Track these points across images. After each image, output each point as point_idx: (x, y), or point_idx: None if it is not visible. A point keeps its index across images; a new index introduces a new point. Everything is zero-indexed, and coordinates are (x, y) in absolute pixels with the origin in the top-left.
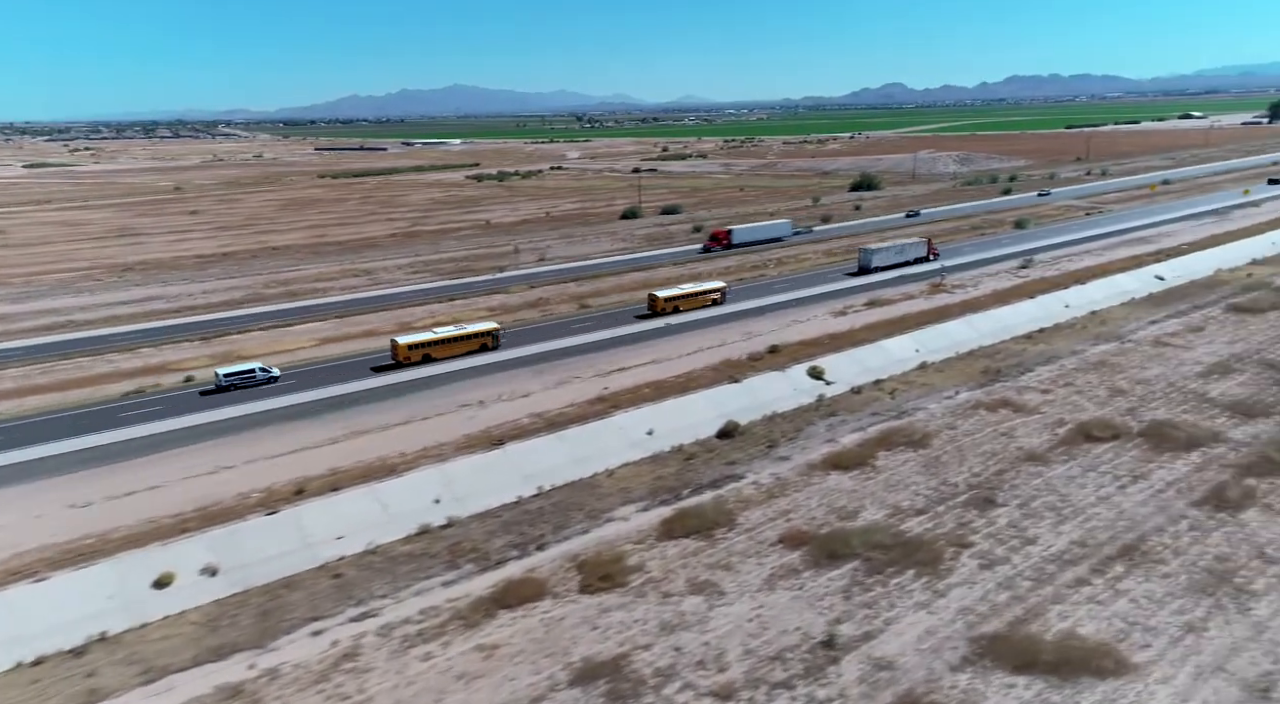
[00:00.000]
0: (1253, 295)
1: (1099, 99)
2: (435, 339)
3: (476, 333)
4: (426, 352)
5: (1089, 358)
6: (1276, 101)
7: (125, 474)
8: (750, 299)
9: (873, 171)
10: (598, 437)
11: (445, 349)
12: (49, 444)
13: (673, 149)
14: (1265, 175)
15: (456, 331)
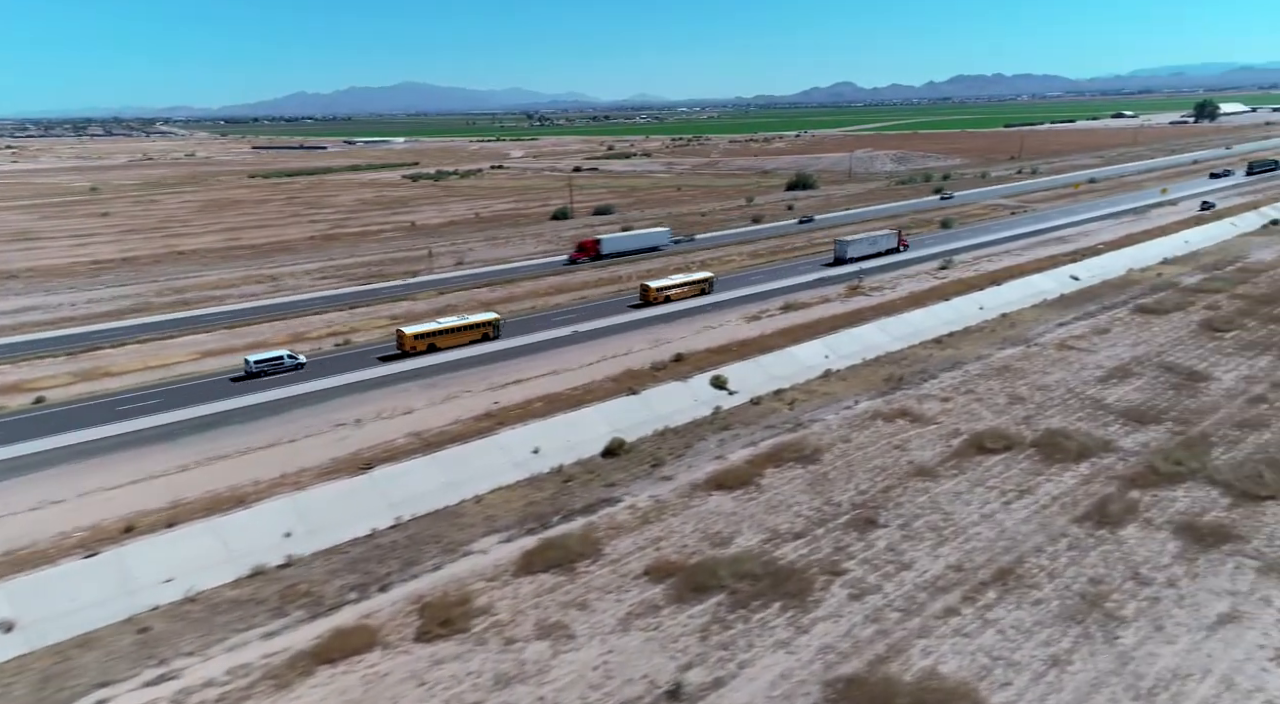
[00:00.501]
0: (1159, 296)
1: (1040, 98)
2: (439, 329)
3: (478, 323)
4: (431, 341)
5: (993, 363)
6: (1202, 101)
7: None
8: (660, 306)
9: (811, 170)
10: (476, 457)
11: (449, 338)
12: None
13: (618, 148)
14: (1186, 173)
15: (459, 322)
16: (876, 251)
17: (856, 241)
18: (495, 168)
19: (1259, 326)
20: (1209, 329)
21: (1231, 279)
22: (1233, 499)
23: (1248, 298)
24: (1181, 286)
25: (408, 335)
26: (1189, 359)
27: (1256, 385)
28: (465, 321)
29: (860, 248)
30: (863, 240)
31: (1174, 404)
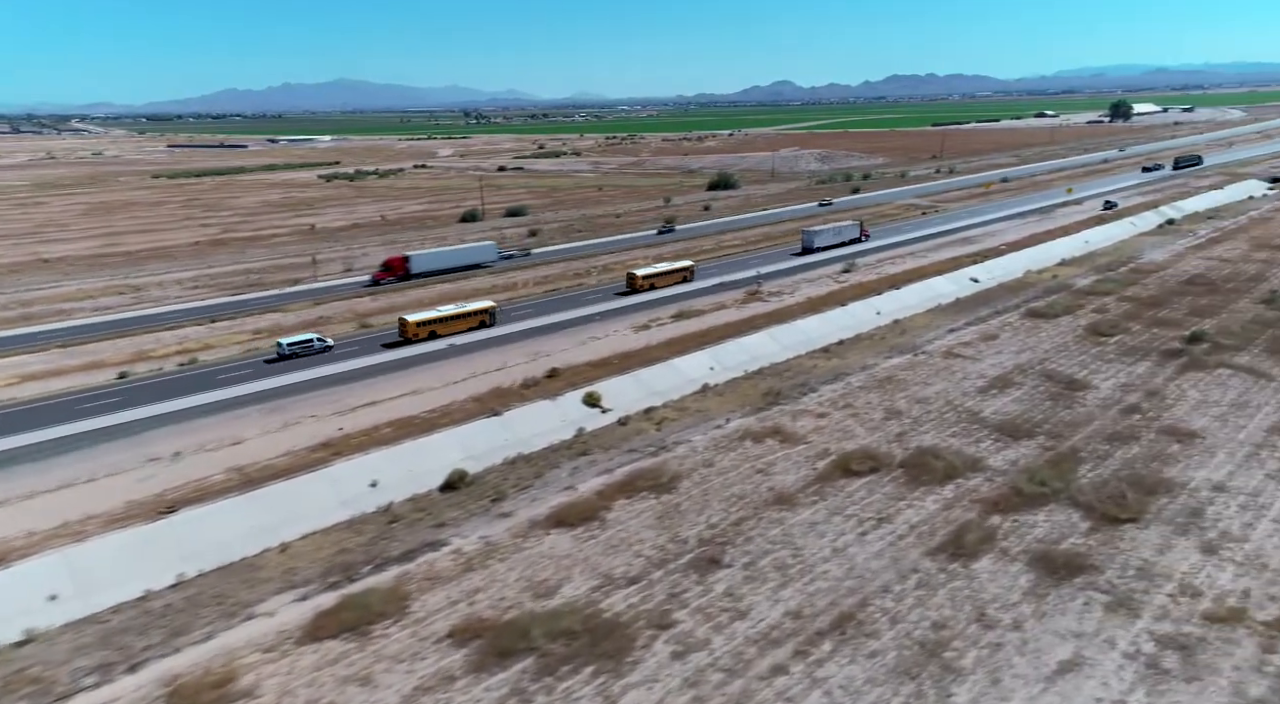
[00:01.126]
0: (1051, 299)
1: (970, 97)
2: (440, 317)
3: (476, 311)
4: (433, 328)
5: (877, 374)
6: (1117, 102)
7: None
8: (544, 315)
9: (736, 169)
10: (298, 496)
11: (449, 326)
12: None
13: (549, 146)
14: (1095, 172)
15: (458, 309)
16: (841, 241)
17: (823, 232)
18: (418, 167)
19: (1142, 330)
20: (1094, 334)
21: (1122, 280)
22: (1093, 523)
23: (1135, 300)
24: (1074, 289)
25: (410, 323)
26: (1070, 366)
27: (1132, 394)
28: (464, 309)
29: (826, 238)
30: (828, 231)
31: (1049, 416)
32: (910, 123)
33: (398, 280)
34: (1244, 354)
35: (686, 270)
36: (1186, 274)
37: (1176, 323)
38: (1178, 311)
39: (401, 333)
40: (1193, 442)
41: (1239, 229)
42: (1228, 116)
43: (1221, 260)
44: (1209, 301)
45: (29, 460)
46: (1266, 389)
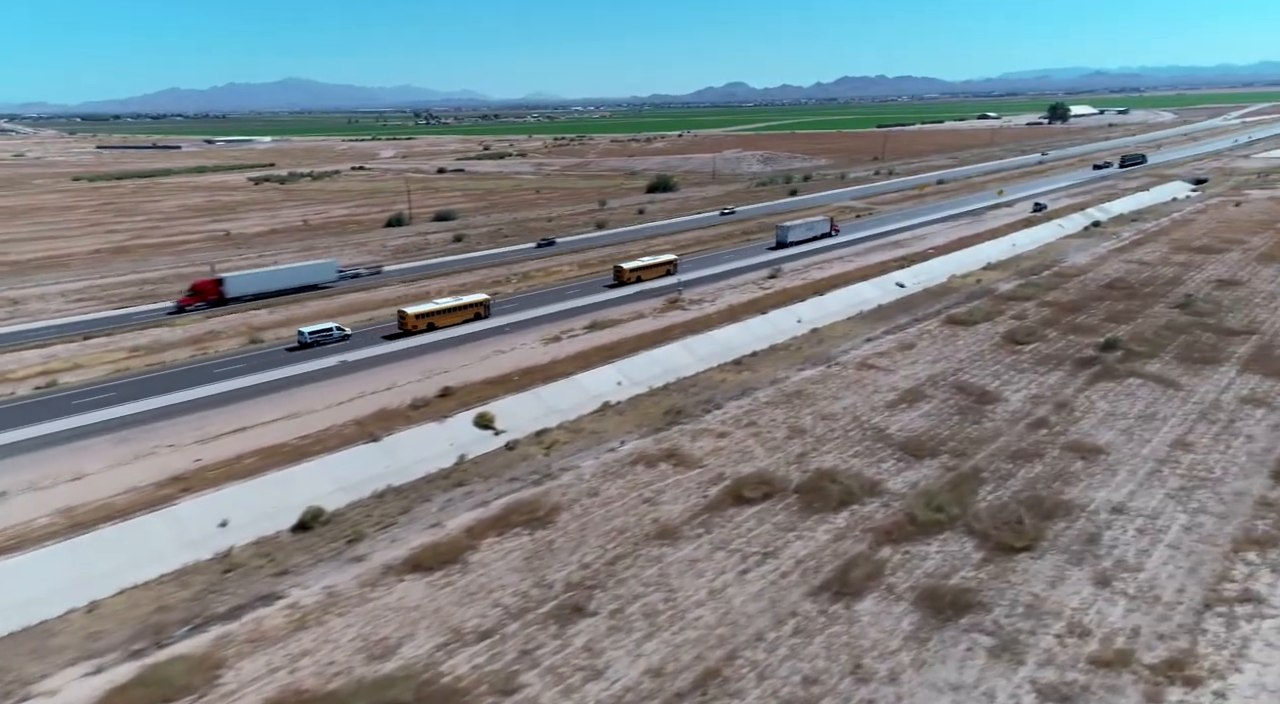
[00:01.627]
0: (973, 305)
1: (918, 99)
2: (437, 309)
3: (471, 303)
4: (431, 321)
5: (787, 388)
6: (1055, 104)
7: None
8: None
9: (679, 171)
10: (131, 541)
11: (446, 318)
12: None
13: (496, 147)
14: (1029, 173)
15: (454, 302)
16: (813, 236)
17: (795, 227)
18: (356, 169)
19: (1059, 337)
20: (1011, 342)
21: (1044, 285)
22: (986, 553)
23: (1055, 305)
24: (996, 294)
25: (409, 315)
26: (984, 377)
27: (1041, 406)
28: (460, 302)
29: (799, 233)
30: (800, 226)
31: (956, 432)
32: (858, 124)
33: (209, 306)
34: (1155, 362)
35: (671, 263)
36: (1107, 278)
37: (1092, 329)
38: (1095, 317)
39: (401, 325)
40: (1096, 458)
41: (1161, 231)
42: (1160, 118)
43: (1141, 263)
44: (1126, 307)
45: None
46: (1174, 399)
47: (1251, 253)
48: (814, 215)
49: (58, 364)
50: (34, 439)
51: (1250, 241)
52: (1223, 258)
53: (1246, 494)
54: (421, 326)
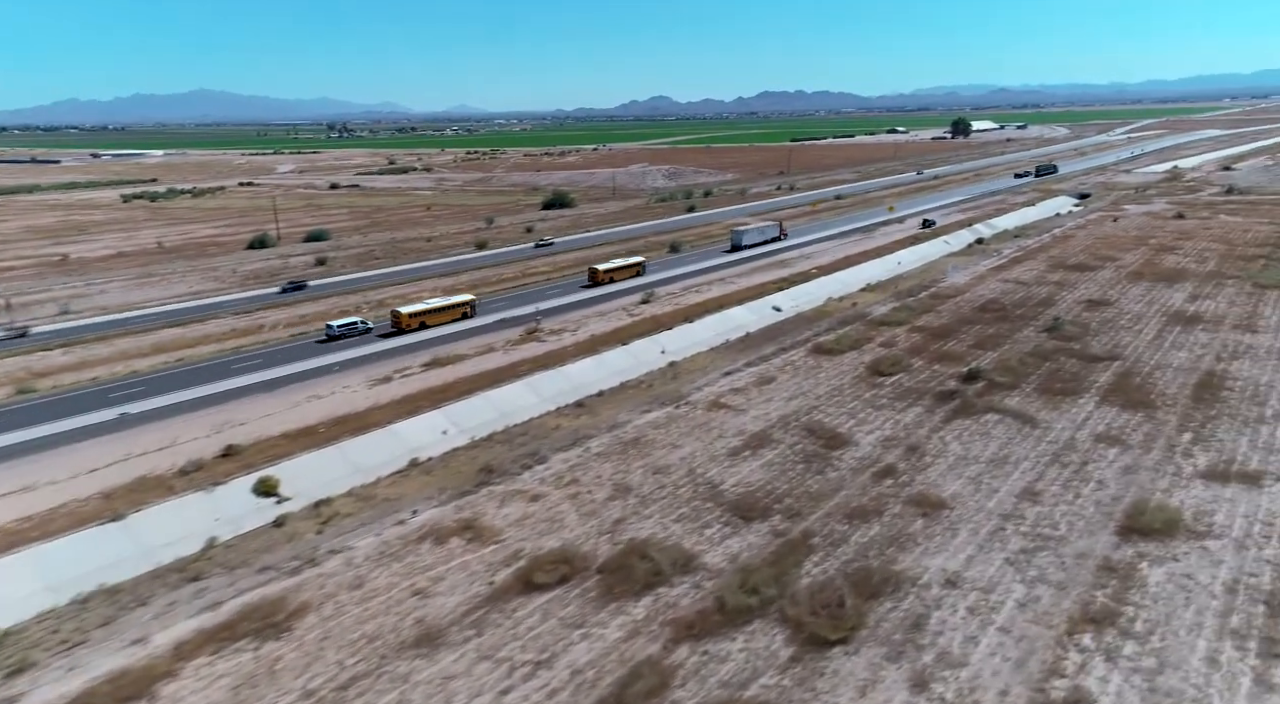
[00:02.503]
0: (842, 332)
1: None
2: (428, 309)
3: (458, 303)
4: (423, 320)
5: (625, 434)
6: (957, 119)
7: None
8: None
9: (582, 186)
10: None
11: (436, 317)
12: None
13: (403, 161)
14: (925, 188)
15: (443, 302)
16: (764, 239)
17: (749, 231)
18: (244, 185)
19: (924, 367)
20: (874, 373)
21: (918, 308)
22: (797, 649)
23: (925, 331)
24: (869, 318)
25: (404, 314)
26: (838, 417)
27: (892, 450)
28: (448, 302)
29: (752, 237)
30: (754, 230)
31: (796, 485)
32: (773, 138)
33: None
34: (1016, 394)
35: (639, 266)
36: (982, 299)
37: (959, 357)
38: (964, 343)
39: (395, 324)
40: (939, 515)
41: (1041, 248)
42: (1055, 133)
43: (1018, 283)
44: (996, 331)
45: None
46: (1029, 439)
47: (1123, 270)
48: (765, 221)
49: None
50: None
51: (1123, 259)
52: (1096, 276)
53: (1089, 556)
54: (414, 325)
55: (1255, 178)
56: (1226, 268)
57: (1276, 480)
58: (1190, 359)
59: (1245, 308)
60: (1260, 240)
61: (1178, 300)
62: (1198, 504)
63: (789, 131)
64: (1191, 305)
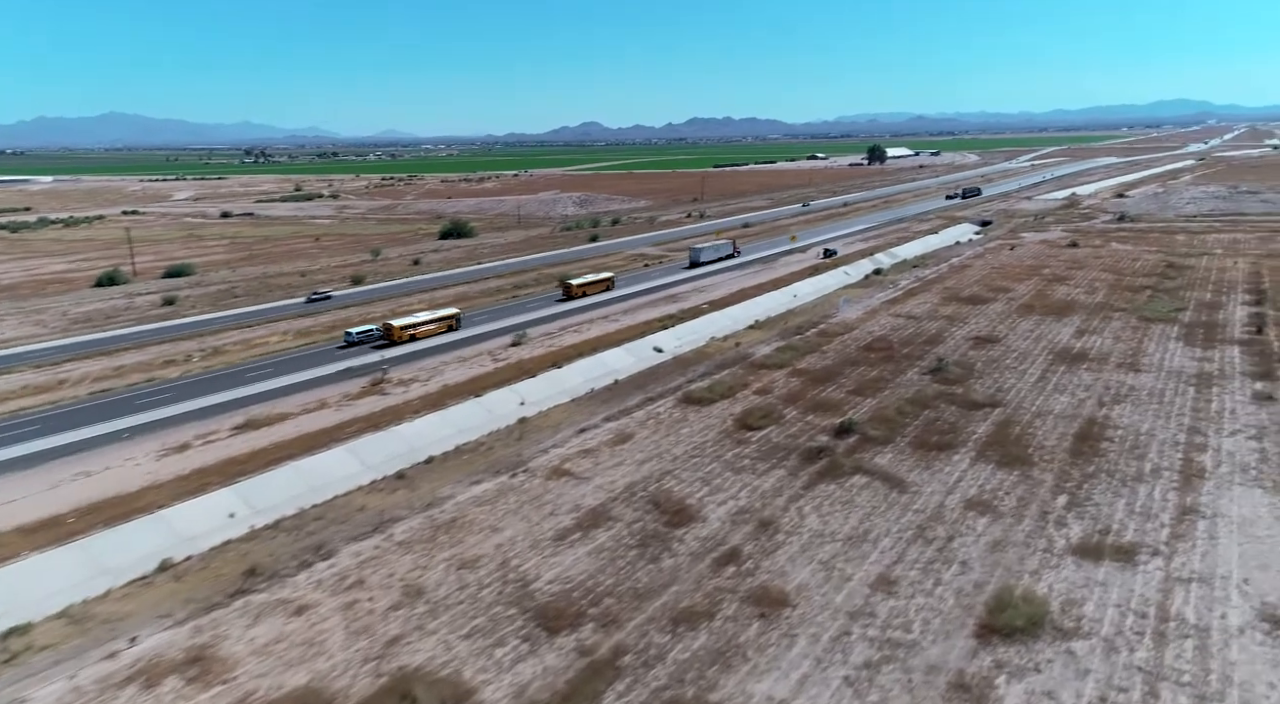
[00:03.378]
0: (718, 377)
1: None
2: (418, 322)
3: (445, 317)
4: (413, 332)
5: (441, 515)
6: (873, 146)
7: None
8: None
9: (490, 214)
10: None
11: (426, 330)
12: None
13: (312, 187)
14: (834, 215)
15: (431, 316)
16: (720, 257)
17: (706, 249)
18: (127, 214)
19: (797, 418)
20: (742, 427)
21: (803, 347)
22: None
23: (806, 375)
24: (750, 360)
25: (396, 327)
26: (691, 484)
27: (741, 528)
28: (435, 315)
29: (709, 254)
30: (710, 248)
31: (622, 580)
32: (697, 164)
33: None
34: (889, 450)
35: (609, 280)
36: (870, 336)
37: (835, 406)
38: (844, 388)
39: (386, 336)
40: (779, 616)
41: (937, 279)
42: (966, 160)
43: (909, 318)
44: (879, 373)
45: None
46: (894, 507)
47: (1014, 303)
48: (719, 239)
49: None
50: None
51: (1016, 290)
52: (987, 309)
53: (941, 670)
54: (405, 337)
55: (1146, 205)
56: (1114, 299)
57: (1151, 555)
58: (1072, 405)
59: (1130, 343)
60: (1148, 269)
61: (1065, 336)
62: (1067, 590)
63: (712, 158)
64: (1078, 342)
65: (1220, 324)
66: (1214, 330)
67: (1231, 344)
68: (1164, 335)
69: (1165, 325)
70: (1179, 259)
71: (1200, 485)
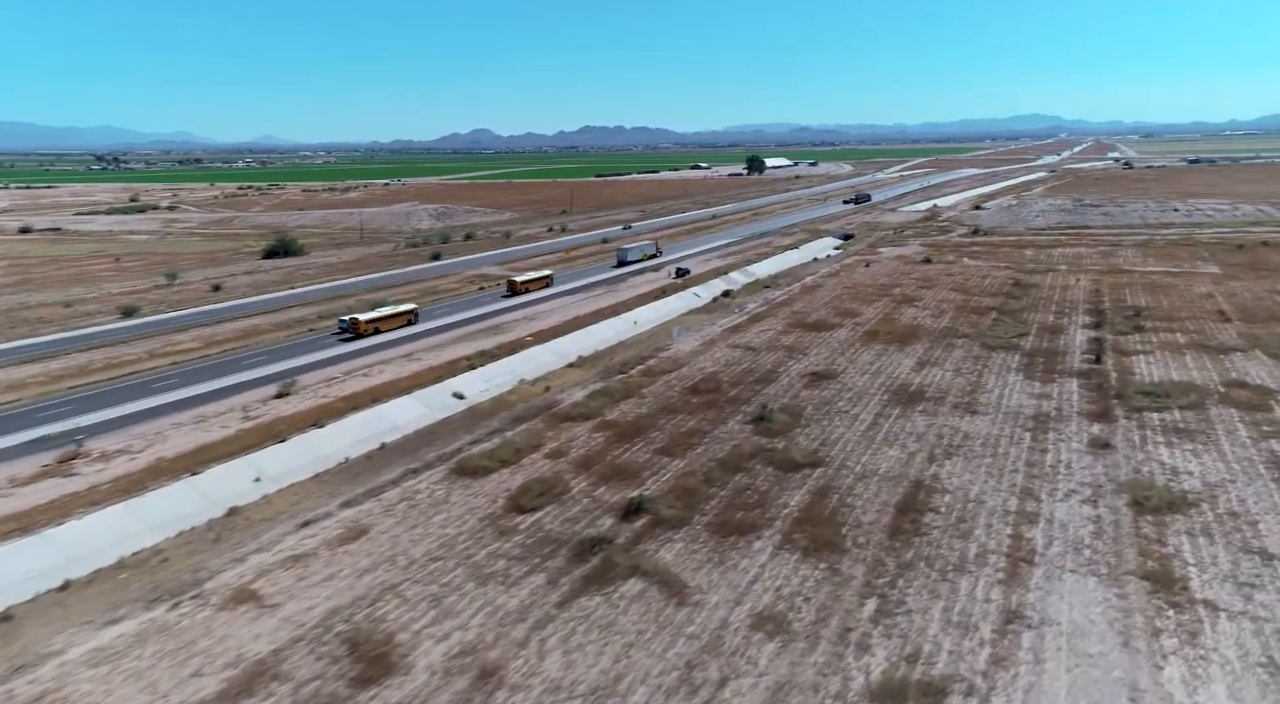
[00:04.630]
0: (510, 435)
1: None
2: (381, 316)
3: (404, 312)
4: (376, 326)
5: (28, 689)
6: (752, 156)
7: None
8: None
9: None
10: None
11: (388, 323)
12: None
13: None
14: (704, 228)
15: (393, 310)
16: (645, 256)
17: (633, 249)
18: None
19: (582, 493)
20: (512, 509)
21: (621, 391)
22: None
23: (614, 427)
24: (555, 410)
25: (362, 322)
26: (416, 606)
27: (450, 685)
28: (397, 310)
29: (635, 253)
30: (636, 248)
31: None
32: (580, 173)
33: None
34: (681, 536)
35: (548, 277)
36: (701, 373)
37: (634, 474)
38: (652, 444)
39: (352, 329)
40: None
41: (786, 301)
42: (841, 170)
43: (747, 349)
44: (697, 424)
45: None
46: (665, 631)
47: (860, 328)
48: (644, 240)
49: None
50: None
51: (863, 314)
52: (831, 337)
53: None
54: (369, 331)
55: (999, 218)
56: (960, 323)
57: (964, 695)
58: (900, 461)
59: (970, 377)
60: (995, 288)
61: (906, 368)
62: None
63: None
64: (918, 376)
65: (1060, 352)
66: (1054, 359)
67: (1070, 376)
68: (1004, 366)
69: (1007, 353)
70: (1025, 276)
71: (1029, 576)
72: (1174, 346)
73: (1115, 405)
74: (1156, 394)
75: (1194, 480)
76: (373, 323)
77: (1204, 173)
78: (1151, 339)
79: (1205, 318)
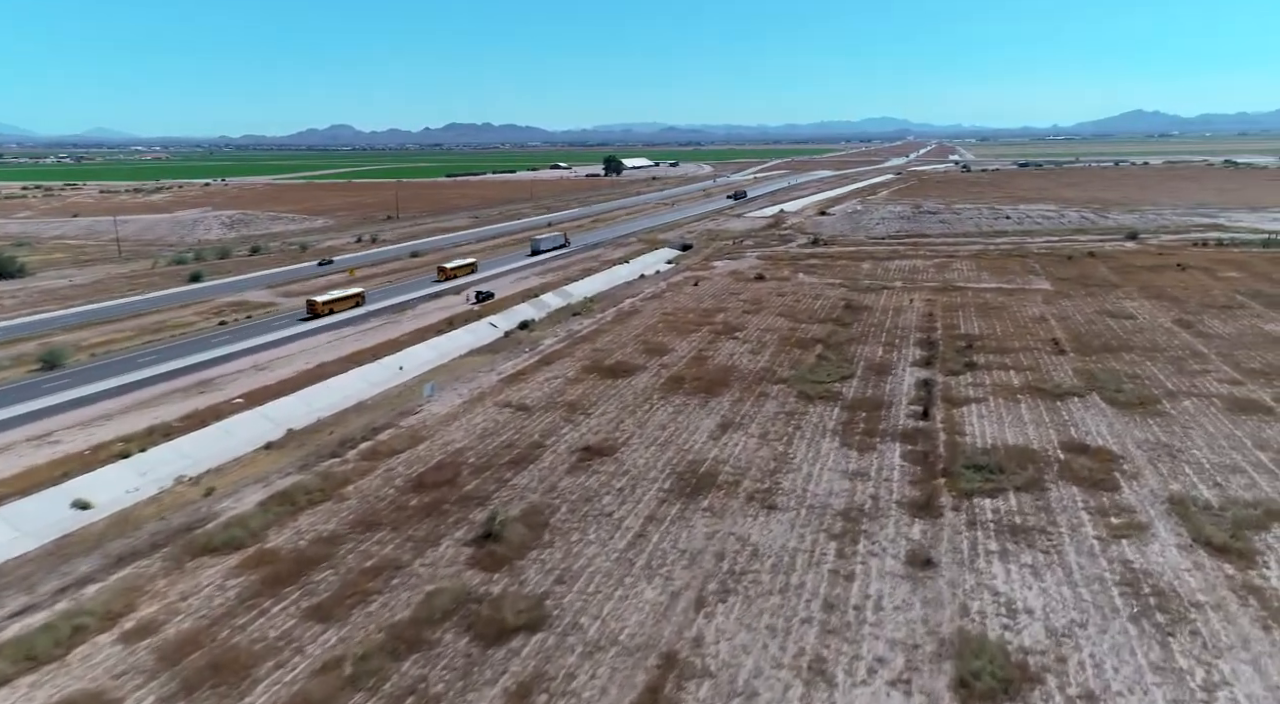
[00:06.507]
0: (74, 602)
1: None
2: (334, 298)
3: (353, 294)
4: (330, 307)
5: None
6: (609, 156)
7: None
8: None
9: (105, 236)
10: None
11: (340, 304)
12: None
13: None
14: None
15: (343, 293)
16: (555, 246)
17: (546, 239)
18: None
19: (230, 683)
20: None
21: (320, 489)
22: None
23: (270, 564)
24: (200, 530)
25: (319, 303)
26: None
27: None
28: (346, 293)
29: (548, 244)
30: (548, 239)
31: None
32: (435, 172)
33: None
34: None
35: (472, 265)
36: (441, 453)
37: (246, 669)
38: (311, 596)
39: (309, 310)
40: None
41: (592, 333)
42: (700, 171)
43: (519, 409)
44: (397, 548)
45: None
46: None
47: (665, 373)
48: (554, 232)
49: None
50: None
51: (676, 349)
52: (628, 386)
53: None
54: (324, 312)
55: (841, 225)
56: (779, 362)
57: None
58: (656, 612)
59: (776, 446)
60: (825, 312)
61: (703, 435)
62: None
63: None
64: (715, 446)
65: (885, 403)
66: (876, 414)
67: (893, 440)
68: (820, 426)
69: (825, 406)
70: (859, 296)
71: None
72: (1008, 390)
73: (941, 487)
74: (989, 469)
75: (1036, 627)
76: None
77: (1033, 176)
78: (984, 380)
79: (1039, 349)
